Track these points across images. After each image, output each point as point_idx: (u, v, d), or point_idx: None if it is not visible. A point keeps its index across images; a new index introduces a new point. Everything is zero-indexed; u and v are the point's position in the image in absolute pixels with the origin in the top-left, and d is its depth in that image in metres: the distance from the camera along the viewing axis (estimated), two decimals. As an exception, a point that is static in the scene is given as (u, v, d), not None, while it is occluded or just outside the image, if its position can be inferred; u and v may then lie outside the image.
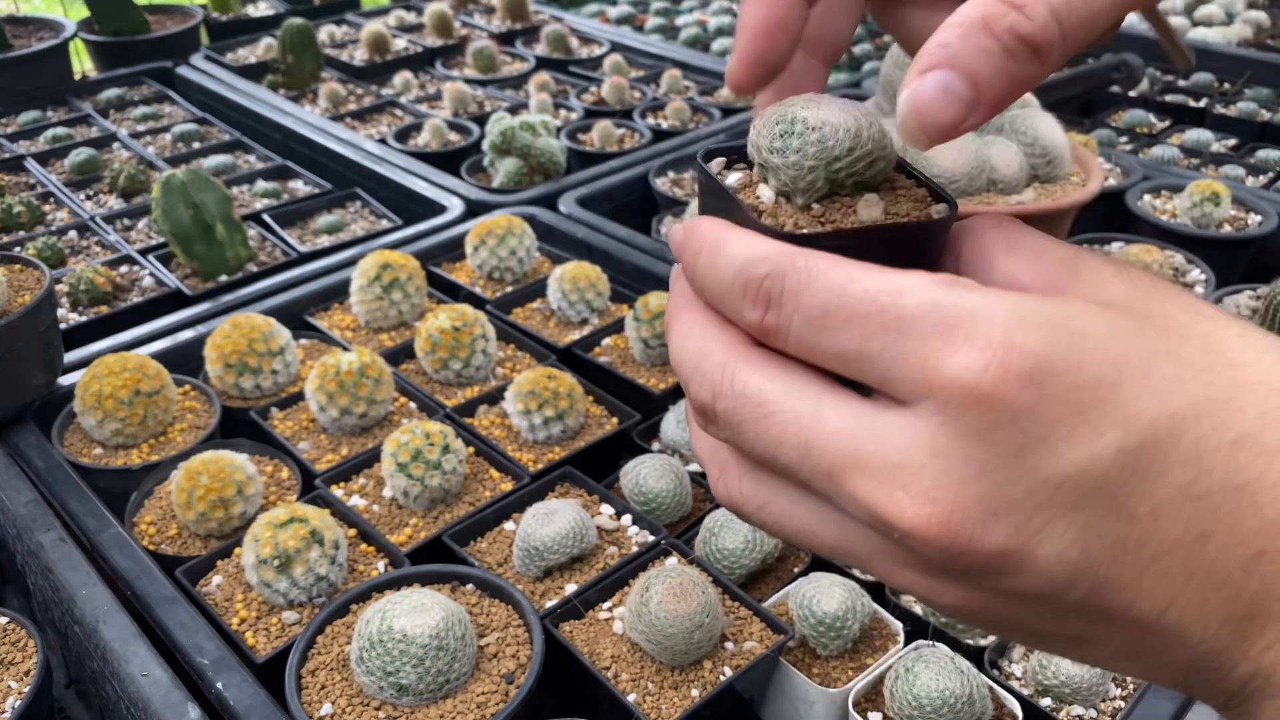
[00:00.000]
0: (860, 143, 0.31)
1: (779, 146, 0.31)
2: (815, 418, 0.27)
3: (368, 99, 1.83)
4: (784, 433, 0.27)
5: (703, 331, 0.30)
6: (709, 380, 0.29)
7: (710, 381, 0.29)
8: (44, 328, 0.91)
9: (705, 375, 0.29)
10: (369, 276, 1.09)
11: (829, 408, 0.27)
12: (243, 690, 0.67)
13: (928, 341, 0.25)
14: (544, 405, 0.92)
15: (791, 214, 0.31)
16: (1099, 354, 0.24)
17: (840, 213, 0.31)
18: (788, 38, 0.33)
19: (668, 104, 1.73)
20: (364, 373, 0.93)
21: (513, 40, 2.11)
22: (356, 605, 0.75)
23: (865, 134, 0.31)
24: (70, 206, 1.45)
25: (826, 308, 0.27)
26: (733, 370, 0.29)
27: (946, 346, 0.25)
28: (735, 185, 0.33)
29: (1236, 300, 1.10)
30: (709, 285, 0.30)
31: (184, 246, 1.24)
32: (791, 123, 0.31)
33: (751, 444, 0.28)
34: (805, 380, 0.28)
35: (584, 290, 1.11)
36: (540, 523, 0.80)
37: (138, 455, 0.92)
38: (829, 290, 0.27)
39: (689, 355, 0.30)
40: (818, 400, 0.27)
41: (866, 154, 0.31)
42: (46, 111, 1.78)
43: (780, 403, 0.28)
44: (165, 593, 0.74)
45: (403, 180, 1.43)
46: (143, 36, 1.96)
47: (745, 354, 0.29)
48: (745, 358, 0.29)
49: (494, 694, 0.69)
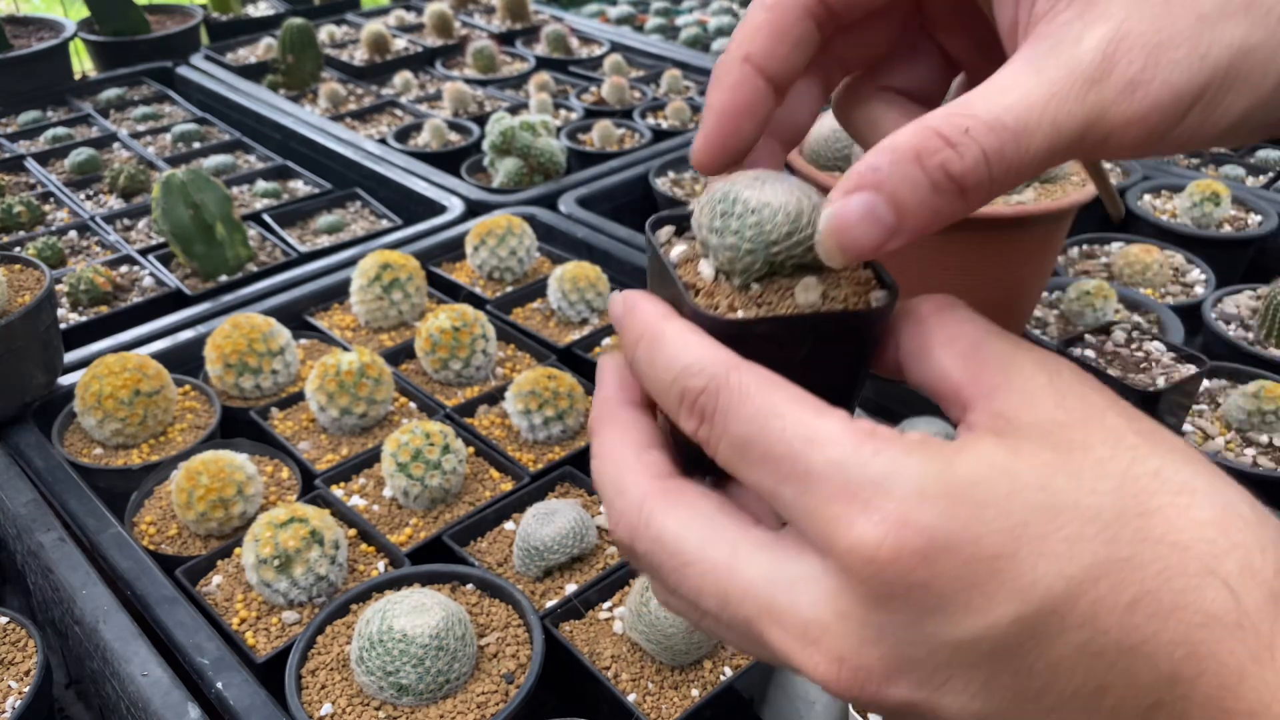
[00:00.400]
0: (799, 227, 0.31)
1: (718, 227, 0.31)
2: (731, 569, 0.28)
3: (368, 99, 1.83)
4: (702, 582, 0.28)
5: (621, 458, 0.31)
6: (626, 520, 0.30)
7: (627, 522, 0.30)
8: (44, 328, 0.91)
9: (622, 514, 0.30)
10: (369, 276, 1.09)
11: (744, 556, 0.28)
12: (243, 690, 0.67)
13: (830, 504, 0.26)
14: (544, 405, 0.92)
15: (728, 293, 0.31)
16: (997, 523, 0.25)
17: (778, 295, 0.31)
18: (754, 123, 0.34)
19: (668, 104, 1.73)
20: (364, 373, 0.93)
21: (513, 40, 2.11)
22: (356, 605, 0.75)
23: (806, 217, 0.31)
24: (70, 206, 1.45)
25: (748, 440, 0.28)
26: (649, 512, 0.30)
27: (846, 513, 0.26)
28: (677, 259, 0.34)
29: (1237, 300, 1.10)
30: (647, 379, 0.31)
31: (184, 246, 1.24)
32: (732, 203, 0.31)
33: (671, 587, 0.29)
34: (721, 523, 0.29)
35: (584, 290, 1.11)
36: (540, 523, 0.80)
37: (138, 455, 0.92)
38: (752, 422, 0.27)
39: (607, 482, 0.31)
40: (734, 548, 0.28)
41: (806, 238, 0.31)
42: (46, 111, 1.78)
43: (696, 553, 0.29)
44: (165, 593, 0.74)
45: (403, 180, 1.43)
46: (143, 36, 1.96)
47: (661, 493, 0.30)
48: (662, 497, 0.30)
49: (494, 694, 0.69)
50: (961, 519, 0.25)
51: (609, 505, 0.31)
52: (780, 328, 0.30)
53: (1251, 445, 0.88)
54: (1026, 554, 0.25)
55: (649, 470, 0.31)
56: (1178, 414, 0.81)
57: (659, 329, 0.30)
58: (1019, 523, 0.25)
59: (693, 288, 0.32)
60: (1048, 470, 0.25)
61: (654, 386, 0.30)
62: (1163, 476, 0.25)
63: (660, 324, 0.30)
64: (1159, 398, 0.76)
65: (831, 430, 0.27)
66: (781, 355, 0.30)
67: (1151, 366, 0.81)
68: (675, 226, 0.36)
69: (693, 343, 0.29)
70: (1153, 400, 0.76)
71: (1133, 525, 0.25)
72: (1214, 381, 0.97)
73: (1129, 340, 0.85)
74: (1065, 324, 1.05)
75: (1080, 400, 0.27)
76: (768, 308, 0.31)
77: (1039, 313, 1.07)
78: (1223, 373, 0.97)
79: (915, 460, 0.26)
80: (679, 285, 0.32)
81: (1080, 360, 0.80)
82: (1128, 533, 0.25)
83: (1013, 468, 0.26)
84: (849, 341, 0.31)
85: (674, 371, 0.29)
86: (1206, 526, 0.25)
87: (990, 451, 0.26)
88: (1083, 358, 0.81)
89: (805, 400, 0.28)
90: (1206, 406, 0.93)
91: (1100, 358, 0.83)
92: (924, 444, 0.27)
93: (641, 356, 0.31)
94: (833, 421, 0.27)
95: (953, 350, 0.29)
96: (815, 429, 0.27)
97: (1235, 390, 0.93)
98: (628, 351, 0.31)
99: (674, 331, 0.30)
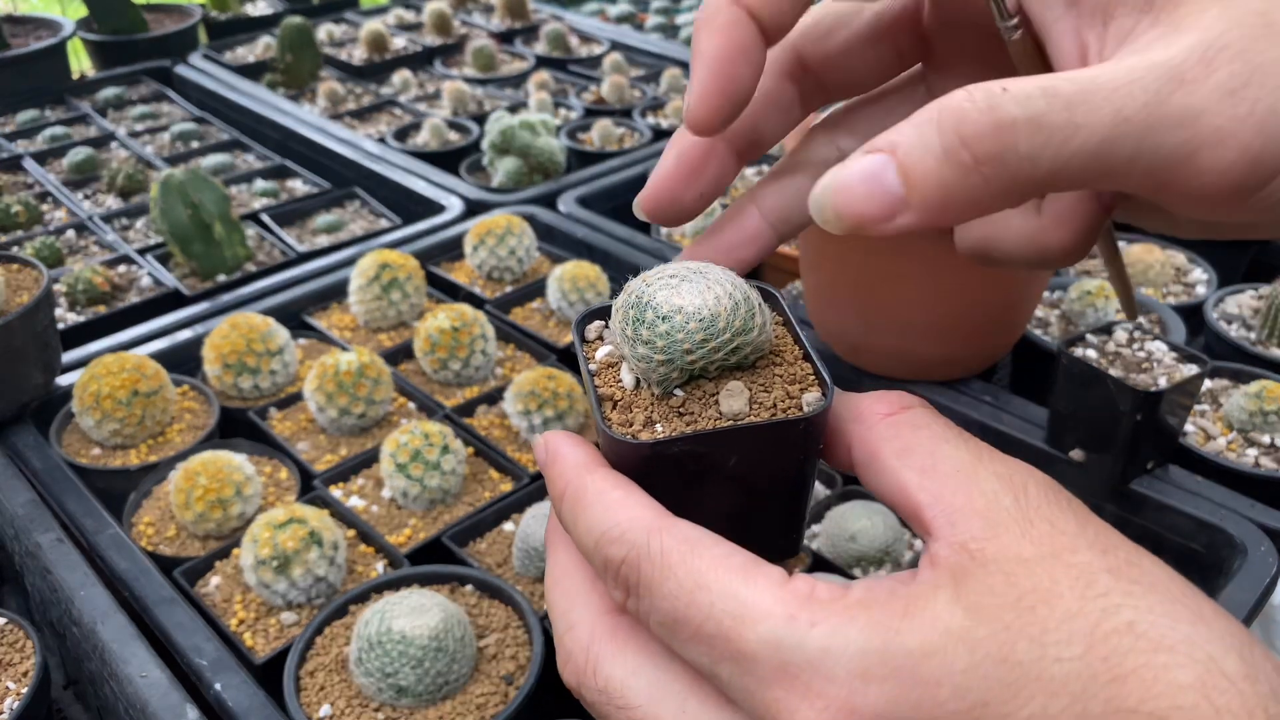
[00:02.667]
0: (715, 332, 0.28)
1: (630, 335, 0.29)
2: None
3: (367, 98, 1.83)
4: None
5: (571, 586, 0.30)
6: (574, 662, 0.29)
7: (575, 665, 0.29)
8: (42, 327, 0.91)
9: (570, 655, 0.29)
10: (368, 276, 1.09)
11: (692, 717, 0.27)
12: (241, 691, 0.66)
13: (769, 688, 0.24)
14: (543, 405, 0.92)
15: (647, 405, 0.29)
16: (952, 704, 0.23)
17: (700, 403, 0.29)
18: (751, 69, 0.30)
19: (668, 103, 1.72)
20: (363, 373, 0.93)
21: (512, 39, 2.10)
22: (355, 606, 0.75)
23: (724, 320, 0.28)
24: (68, 206, 1.45)
25: (676, 617, 0.26)
26: (596, 656, 0.28)
27: (787, 700, 0.24)
28: (599, 364, 0.31)
29: (1239, 300, 1.10)
30: (574, 538, 0.29)
31: (182, 246, 1.24)
32: (643, 309, 0.29)
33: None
34: (670, 673, 0.27)
35: (584, 290, 1.11)
36: (540, 523, 0.79)
37: (136, 455, 0.92)
38: (677, 599, 0.26)
39: (559, 613, 0.30)
40: (681, 706, 0.27)
41: (725, 343, 0.28)
42: (45, 111, 1.78)
43: (643, 708, 0.27)
44: (163, 593, 0.74)
45: (402, 180, 1.43)
46: (141, 35, 1.96)
47: (610, 633, 0.28)
48: (610, 638, 0.28)
49: (493, 695, 0.69)
50: (912, 701, 0.23)
51: (558, 641, 0.30)
52: (699, 445, 0.28)
53: (1253, 445, 0.88)
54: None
55: (600, 603, 0.29)
56: (1179, 414, 0.81)
57: (579, 486, 0.28)
58: (977, 702, 0.23)
59: (609, 400, 0.30)
60: (1009, 635, 0.23)
61: (580, 548, 0.29)
62: (1137, 631, 0.23)
63: (581, 479, 0.28)
64: (1160, 398, 0.76)
65: (762, 601, 0.25)
66: (706, 473, 0.28)
67: (1153, 366, 0.81)
68: (604, 321, 0.33)
69: (613, 503, 0.27)
70: (1154, 400, 0.76)
71: (1104, 695, 0.22)
72: (1216, 381, 0.96)
73: (1130, 340, 0.84)
74: (1067, 324, 1.05)
75: (1049, 527, 0.25)
76: (689, 419, 0.29)
77: (1040, 312, 1.07)
78: (1224, 373, 0.97)
79: (857, 632, 0.24)
80: (593, 403, 0.30)
81: (1082, 360, 0.80)
82: (1098, 705, 0.22)
83: (970, 634, 0.23)
84: (782, 450, 0.29)
85: (594, 536, 0.28)
86: (1186, 691, 0.22)
87: (945, 612, 0.24)
88: (1084, 357, 0.81)
89: (733, 562, 0.26)
90: (1208, 407, 0.93)
91: (1102, 358, 0.82)
92: (868, 606, 0.24)
93: (565, 515, 0.29)
94: (763, 589, 0.25)
95: (908, 464, 0.27)
96: (744, 601, 0.25)
97: (1237, 390, 0.93)
98: (554, 505, 0.30)
99: (595, 491, 0.28)
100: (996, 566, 0.24)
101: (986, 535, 0.25)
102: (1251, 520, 0.77)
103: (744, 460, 0.28)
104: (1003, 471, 0.26)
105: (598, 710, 0.28)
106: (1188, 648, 0.22)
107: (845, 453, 0.29)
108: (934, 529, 0.26)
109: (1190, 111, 0.23)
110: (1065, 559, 0.24)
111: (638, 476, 0.29)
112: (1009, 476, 0.26)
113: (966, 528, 0.25)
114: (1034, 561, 0.24)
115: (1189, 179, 0.23)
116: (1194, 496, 0.80)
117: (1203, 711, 0.22)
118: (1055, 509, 0.25)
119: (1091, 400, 0.79)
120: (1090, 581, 0.23)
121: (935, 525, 0.26)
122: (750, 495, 0.29)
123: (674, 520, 0.27)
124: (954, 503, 0.25)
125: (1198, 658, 0.22)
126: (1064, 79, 0.23)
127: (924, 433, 0.27)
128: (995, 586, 0.24)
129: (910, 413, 0.28)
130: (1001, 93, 0.23)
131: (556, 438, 0.30)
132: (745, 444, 0.28)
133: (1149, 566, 0.24)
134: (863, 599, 0.24)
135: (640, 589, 0.26)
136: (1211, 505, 0.79)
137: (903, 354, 0.91)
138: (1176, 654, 0.22)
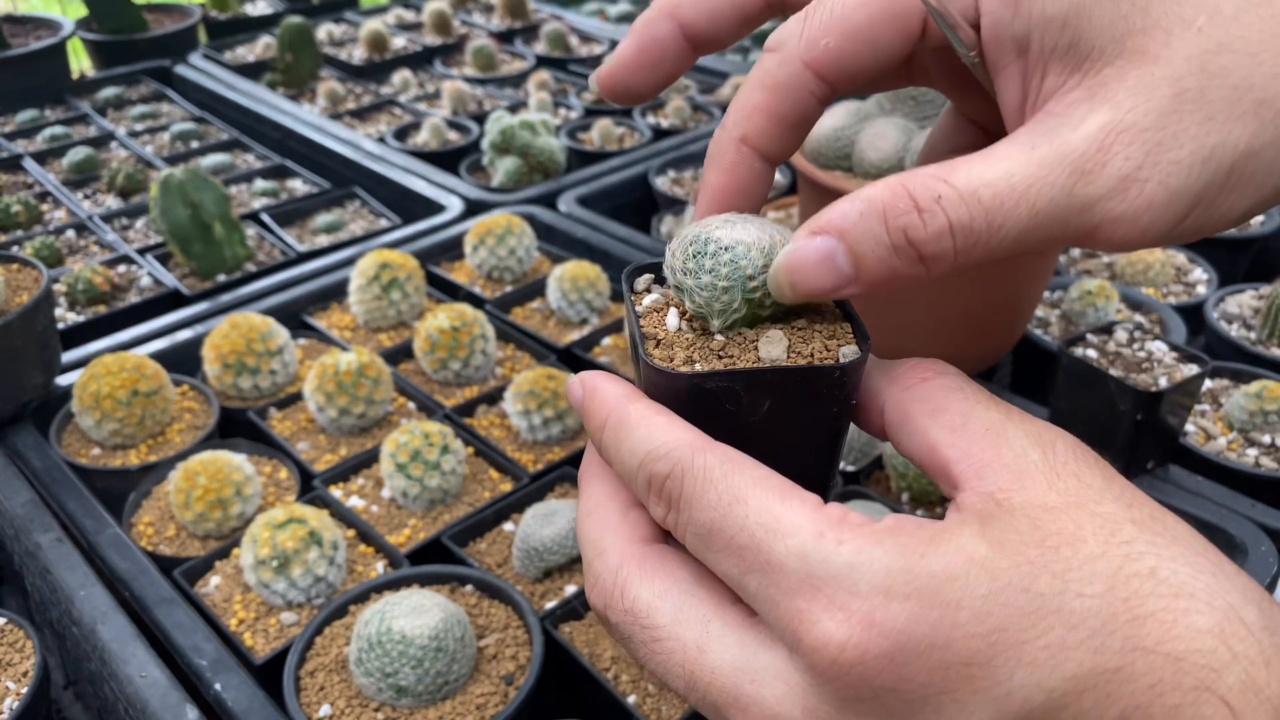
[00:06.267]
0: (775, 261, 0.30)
1: (691, 268, 0.30)
2: (700, 649, 0.27)
3: (366, 98, 1.83)
4: (670, 660, 0.28)
5: (604, 517, 0.31)
6: (602, 585, 0.30)
7: (603, 587, 0.30)
8: (42, 327, 0.91)
9: (599, 578, 0.30)
10: (368, 276, 1.09)
11: (715, 637, 0.27)
12: (241, 691, 0.66)
13: (794, 598, 0.25)
14: (544, 405, 0.92)
15: (688, 345, 0.30)
16: (971, 626, 0.23)
17: (740, 348, 0.30)
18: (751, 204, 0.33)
19: (668, 103, 1.72)
20: (363, 373, 0.93)
21: (512, 39, 2.10)
22: (355, 606, 0.75)
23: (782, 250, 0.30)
24: (68, 206, 1.45)
25: (712, 528, 0.27)
26: (624, 579, 0.29)
27: (810, 609, 0.25)
28: (646, 308, 0.33)
29: (1239, 300, 1.10)
30: (615, 464, 0.30)
31: (182, 246, 1.24)
32: (705, 243, 0.30)
33: (641, 659, 0.29)
34: (696, 597, 0.28)
35: (584, 290, 1.11)
36: (540, 523, 0.79)
37: (136, 455, 0.92)
38: (715, 509, 0.27)
39: (589, 541, 0.31)
40: (705, 628, 0.28)
41: None
42: (44, 110, 1.78)
43: (667, 628, 0.28)
44: (163, 593, 0.74)
45: (402, 179, 1.43)
46: (141, 35, 1.96)
47: (639, 559, 0.29)
48: (639, 564, 0.29)
49: (493, 695, 0.69)
50: (931, 621, 0.23)
51: (588, 566, 0.31)
52: (735, 381, 0.29)
53: (1254, 445, 0.88)
54: (1003, 661, 0.23)
55: (631, 532, 0.30)
56: (1179, 414, 0.81)
57: (622, 413, 0.29)
58: (996, 626, 0.23)
59: (652, 338, 0.31)
60: (1031, 569, 0.23)
61: (622, 471, 0.30)
62: (1158, 577, 0.23)
63: (624, 407, 0.30)
64: (1161, 398, 0.76)
65: (795, 518, 0.25)
66: (740, 413, 0.29)
67: (1153, 366, 0.81)
68: (654, 275, 0.35)
69: (658, 425, 0.29)
70: (1155, 400, 0.76)
71: (1122, 632, 0.23)
72: (1216, 381, 0.96)
73: (1131, 340, 0.84)
74: (1067, 324, 1.05)
75: (1075, 481, 0.26)
76: (728, 361, 0.30)
77: (1041, 312, 1.06)
78: (1225, 373, 0.97)
79: (883, 552, 0.24)
80: (636, 336, 0.31)
81: (1082, 360, 0.80)
82: (1116, 641, 0.23)
83: (993, 564, 0.24)
84: (815, 400, 0.30)
85: (639, 456, 0.29)
86: (1205, 635, 0.22)
87: (970, 543, 0.24)
88: (1085, 357, 0.81)
89: (770, 483, 0.27)
90: (1209, 406, 0.93)
91: (1102, 358, 0.82)
92: (895, 532, 0.25)
93: (608, 442, 0.30)
94: (797, 508, 0.26)
95: (940, 423, 0.28)
96: (778, 516, 0.26)
97: (1237, 390, 0.93)
98: (594, 436, 0.31)
99: (638, 415, 0.29)
100: (1023, 513, 0.25)
101: (1013, 486, 0.26)
102: (1252, 520, 0.77)
103: (778, 406, 0.29)
104: (1032, 430, 0.27)
105: (621, 631, 0.29)
106: (1208, 595, 0.23)
107: (878, 415, 0.30)
108: (962, 482, 0.27)
109: (1089, 200, 0.26)
110: (1091, 508, 0.25)
111: (675, 410, 0.30)
112: (1038, 434, 0.27)
113: (994, 479, 0.26)
114: (1060, 509, 0.25)
115: (1100, 243, 0.27)
116: (1194, 496, 0.80)
117: (1220, 656, 0.22)
118: (1082, 464, 0.26)
119: (1092, 400, 0.79)
120: (1115, 529, 0.24)
121: (963, 478, 0.27)
122: (781, 444, 0.30)
123: (716, 443, 0.28)
124: (982, 457, 0.27)
125: (1218, 605, 0.23)
126: (984, 185, 0.26)
127: (956, 395, 0.28)
128: (1021, 528, 0.24)
129: (945, 378, 0.29)
130: (936, 201, 0.26)
131: (593, 376, 0.32)
132: (780, 387, 0.29)
133: (1172, 523, 0.25)
134: (891, 526, 0.25)
135: (681, 502, 0.27)
136: (1212, 505, 0.79)
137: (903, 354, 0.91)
138: (1197, 600, 0.23)
